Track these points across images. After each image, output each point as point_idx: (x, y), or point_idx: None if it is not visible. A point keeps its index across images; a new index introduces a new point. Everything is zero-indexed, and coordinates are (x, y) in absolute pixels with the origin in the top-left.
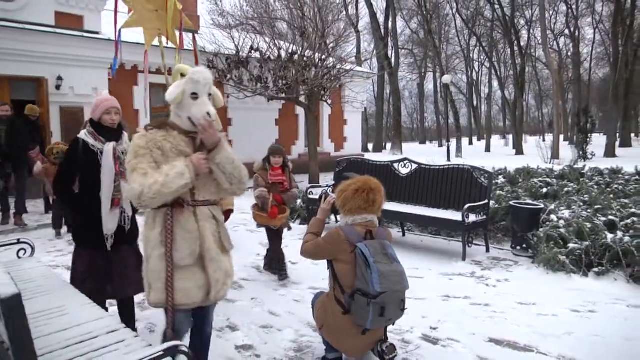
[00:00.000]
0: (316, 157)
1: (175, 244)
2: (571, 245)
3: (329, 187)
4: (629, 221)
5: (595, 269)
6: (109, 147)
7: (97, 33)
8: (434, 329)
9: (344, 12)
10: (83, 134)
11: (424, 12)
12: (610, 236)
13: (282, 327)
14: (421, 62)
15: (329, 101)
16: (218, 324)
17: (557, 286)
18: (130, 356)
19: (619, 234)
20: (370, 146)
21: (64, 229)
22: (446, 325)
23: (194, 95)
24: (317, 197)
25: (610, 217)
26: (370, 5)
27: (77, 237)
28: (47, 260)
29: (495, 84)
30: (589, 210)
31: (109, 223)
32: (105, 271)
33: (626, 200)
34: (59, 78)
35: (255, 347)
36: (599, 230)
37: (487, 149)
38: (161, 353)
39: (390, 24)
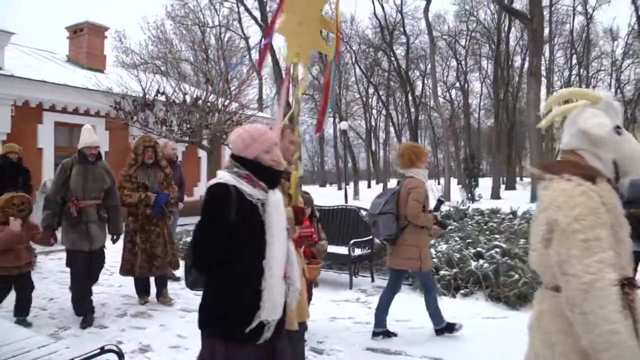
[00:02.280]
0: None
1: None
2: (442, 272)
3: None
4: (492, 252)
5: (462, 291)
6: (277, 196)
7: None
8: (320, 342)
9: (248, 57)
10: (232, 179)
11: (324, 60)
12: (474, 264)
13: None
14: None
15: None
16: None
17: None
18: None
19: (481, 261)
20: None
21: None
22: (331, 339)
23: (619, 130)
24: None
25: (479, 249)
26: (273, 52)
27: (222, 326)
28: None
29: (392, 130)
30: (461, 244)
31: (277, 304)
32: None
33: (496, 235)
34: None
35: None
36: (466, 259)
37: (384, 190)
38: (97, 351)
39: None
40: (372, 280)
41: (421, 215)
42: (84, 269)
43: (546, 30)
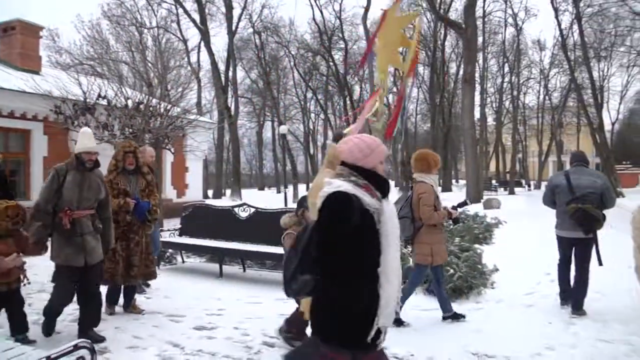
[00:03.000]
0: (161, 203)
1: None
2: None
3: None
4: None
5: (402, 287)
6: (391, 206)
7: None
8: (271, 337)
9: (187, 59)
10: (351, 187)
11: (263, 64)
12: (412, 261)
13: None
14: (260, 111)
15: (172, 149)
16: None
17: None
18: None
19: None
20: (210, 192)
21: None
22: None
23: None
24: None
25: None
26: (211, 55)
27: (341, 333)
28: None
29: (330, 134)
30: (402, 244)
31: (392, 311)
32: None
33: None
34: None
35: None
36: (405, 257)
37: None
38: (71, 348)
39: (230, 73)
40: (244, 271)
41: (434, 215)
42: (72, 288)
43: (480, 40)
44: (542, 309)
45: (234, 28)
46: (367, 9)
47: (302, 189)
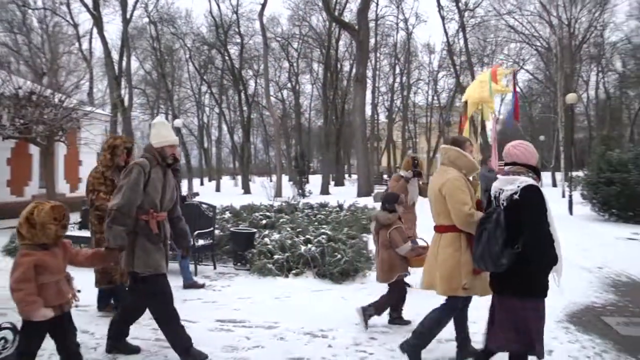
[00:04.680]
0: (54, 198)
1: None
2: (276, 256)
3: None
4: (320, 238)
5: (294, 271)
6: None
7: None
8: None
9: (77, 45)
10: (531, 180)
11: (158, 55)
12: (303, 248)
13: None
14: (154, 103)
15: (67, 142)
16: None
17: (267, 285)
18: None
19: (310, 246)
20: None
21: None
22: (183, 314)
23: None
24: None
25: (308, 236)
26: (105, 43)
27: (539, 288)
28: None
29: (225, 127)
30: (293, 233)
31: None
32: None
33: (324, 225)
34: None
35: None
36: (297, 245)
37: (218, 189)
38: None
39: (124, 63)
40: (215, 268)
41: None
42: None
43: (372, 41)
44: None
45: (128, 16)
46: (263, 5)
47: (195, 183)
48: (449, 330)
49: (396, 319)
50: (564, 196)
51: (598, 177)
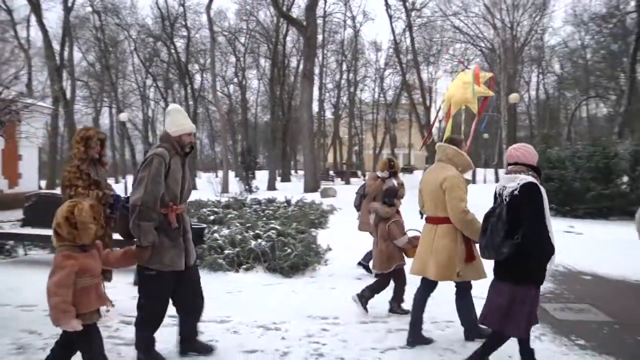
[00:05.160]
0: None
1: None
2: (226, 251)
3: None
4: (269, 233)
5: (244, 266)
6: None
7: None
8: (128, 316)
9: (13, 33)
10: (532, 178)
11: (102, 47)
12: (253, 243)
13: None
14: (97, 96)
15: (4, 135)
16: None
17: (218, 280)
18: None
19: (260, 241)
20: (43, 183)
21: None
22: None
23: None
24: None
25: (257, 231)
26: (44, 31)
27: (538, 277)
28: None
29: None
30: (242, 229)
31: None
32: None
33: (272, 220)
34: None
35: None
36: (247, 240)
37: None
38: None
39: (66, 54)
40: None
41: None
42: (169, 298)
43: (320, 38)
44: (367, 279)
45: (70, 4)
46: None
47: None
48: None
49: (396, 309)
50: None
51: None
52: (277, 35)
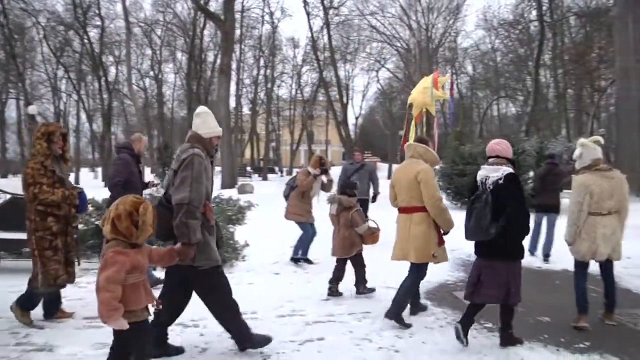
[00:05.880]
0: None
1: None
2: None
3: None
4: None
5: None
6: None
7: None
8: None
9: None
10: (511, 169)
11: (6, 33)
12: None
13: None
14: (2, 87)
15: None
16: None
17: None
18: None
19: None
20: None
21: None
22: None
23: None
24: None
25: None
26: None
27: (522, 252)
28: None
29: (83, 116)
30: None
31: None
32: None
33: None
34: None
35: None
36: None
37: (76, 182)
38: None
39: None
40: (79, 264)
41: None
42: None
43: (238, 32)
44: (285, 273)
45: None
46: None
47: None
48: None
49: (363, 289)
50: None
51: (452, 169)
52: (194, 29)
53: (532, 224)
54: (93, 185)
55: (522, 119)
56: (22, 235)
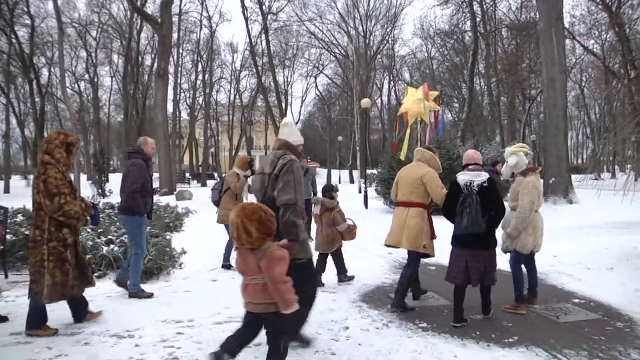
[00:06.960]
0: None
1: None
2: None
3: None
4: (122, 237)
5: (96, 274)
6: None
7: None
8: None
9: None
10: (487, 174)
11: None
12: (105, 249)
13: None
14: None
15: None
16: None
17: None
18: None
19: (112, 246)
20: None
21: None
22: None
23: None
24: None
25: (110, 237)
26: None
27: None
28: None
29: (14, 120)
30: (94, 234)
31: None
32: None
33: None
34: None
35: None
36: (99, 245)
37: (7, 190)
38: None
39: None
40: (6, 277)
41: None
42: None
43: (175, 36)
44: (222, 280)
45: None
46: None
47: None
48: None
49: (344, 278)
50: (360, 192)
51: (389, 174)
52: (130, 31)
53: None
54: (25, 194)
55: (458, 125)
56: None
